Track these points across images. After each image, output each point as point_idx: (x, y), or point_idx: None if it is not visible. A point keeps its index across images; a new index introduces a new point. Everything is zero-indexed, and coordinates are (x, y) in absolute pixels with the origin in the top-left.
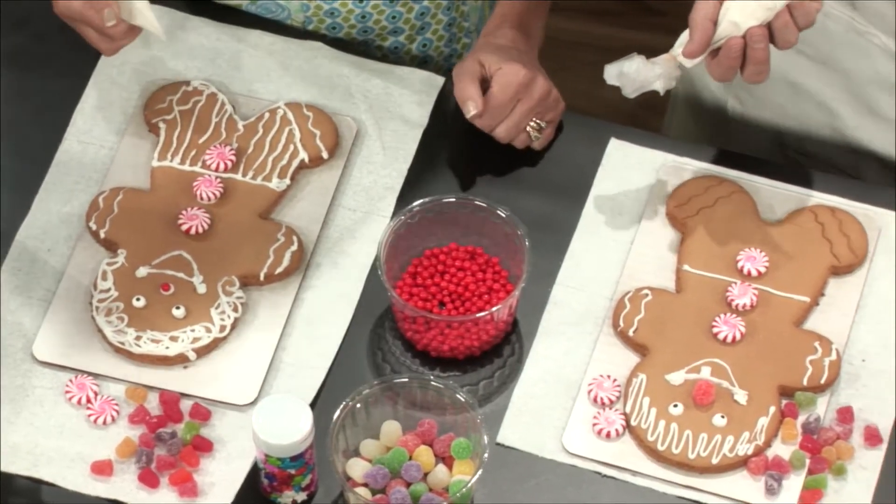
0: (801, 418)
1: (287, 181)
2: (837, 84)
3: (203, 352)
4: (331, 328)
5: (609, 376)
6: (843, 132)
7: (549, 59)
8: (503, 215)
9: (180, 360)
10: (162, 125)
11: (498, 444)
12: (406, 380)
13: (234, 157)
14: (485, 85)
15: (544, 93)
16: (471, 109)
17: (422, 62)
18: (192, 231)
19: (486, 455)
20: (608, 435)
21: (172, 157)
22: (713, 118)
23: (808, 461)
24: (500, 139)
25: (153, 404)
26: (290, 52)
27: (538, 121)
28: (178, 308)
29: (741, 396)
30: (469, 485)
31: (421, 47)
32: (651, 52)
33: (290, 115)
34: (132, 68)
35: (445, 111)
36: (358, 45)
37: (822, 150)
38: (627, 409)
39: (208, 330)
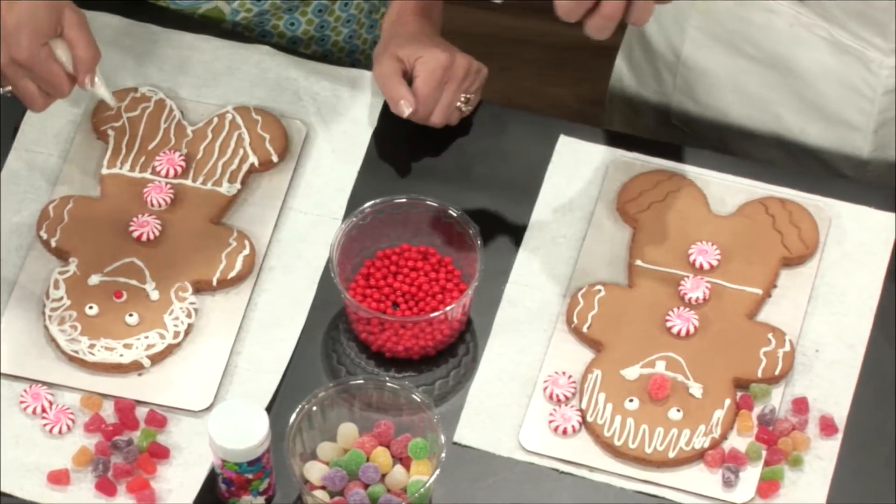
0: (757, 410)
1: (237, 185)
2: (782, 85)
3: (157, 358)
4: (285, 332)
5: (564, 373)
6: (787, 135)
7: (494, 58)
8: (455, 214)
9: (135, 367)
10: (111, 132)
11: (455, 443)
12: (361, 381)
13: (183, 163)
14: (406, 77)
15: (466, 68)
16: (405, 109)
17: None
18: (144, 238)
19: (443, 455)
20: (565, 431)
21: (122, 164)
22: (655, 122)
23: (764, 453)
24: (436, 125)
25: (108, 412)
26: (238, 57)
27: (466, 95)
28: (131, 315)
29: (696, 390)
30: (427, 485)
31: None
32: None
33: (239, 120)
34: None
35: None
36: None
37: (766, 154)
38: (583, 406)
39: (162, 336)
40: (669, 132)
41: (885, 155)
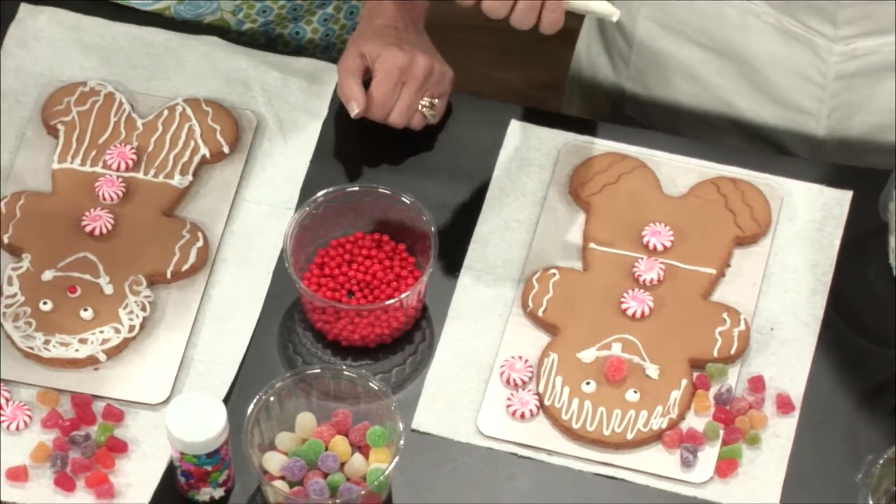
0: (713, 390)
1: (189, 178)
2: (734, 73)
3: (113, 353)
4: (240, 323)
5: (521, 357)
6: (740, 120)
7: (445, 43)
8: (408, 202)
9: (90, 362)
10: (60, 127)
11: (413, 430)
12: (318, 371)
13: (134, 156)
14: (370, 75)
15: (427, 70)
16: (354, 109)
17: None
18: (97, 232)
19: (401, 442)
20: (522, 416)
21: (73, 159)
22: (610, 110)
23: (722, 432)
24: (396, 125)
25: (65, 408)
26: (186, 48)
27: (429, 99)
28: (85, 310)
29: (653, 371)
30: (386, 472)
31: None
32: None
33: (189, 112)
34: (28, 72)
35: None
36: (262, 36)
37: (720, 138)
38: (540, 389)
39: (117, 331)
40: (625, 121)
41: (839, 136)
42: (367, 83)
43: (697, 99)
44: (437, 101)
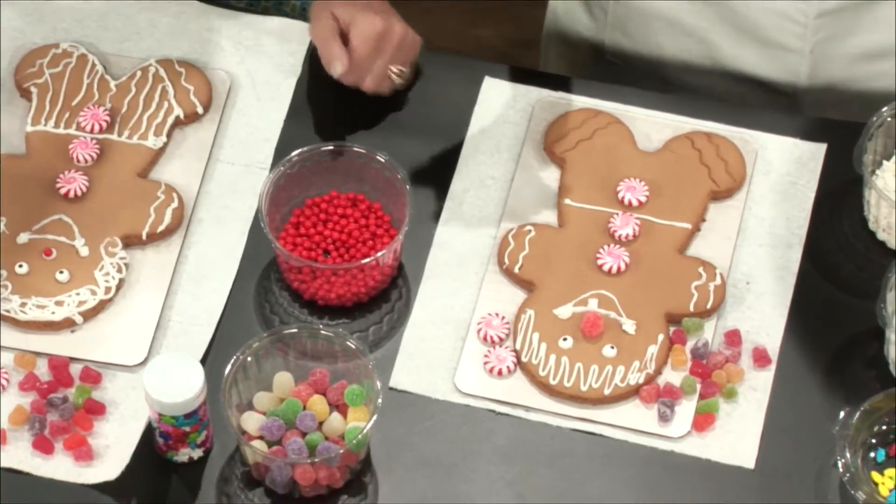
0: (690, 344)
1: (163, 138)
2: (715, 15)
3: (89, 315)
4: (216, 283)
5: (497, 314)
6: (724, 62)
7: (419, 0)
8: (382, 160)
9: (67, 324)
10: (33, 89)
11: (391, 388)
12: (295, 330)
13: (108, 118)
14: (342, 36)
15: (401, 38)
16: (338, 69)
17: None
18: (71, 194)
19: (379, 400)
20: (500, 372)
21: (46, 121)
22: (590, 59)
23: (698, 386)
24: (368, 91)
25: (42, 370)
26: (159, 9)
27: (400, 67)
28: (61, 272)
29: (629, 326)
30: (364, 431)
31: None
32: None
33: (163, 72)
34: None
35: (318, 59)
36: None
37: (705, 83)
38: (518, 346)
39: (93, 292)
40: (606, 68)
41: (823, 76)
42: None
43: (679, 43)
44: (406, 68)
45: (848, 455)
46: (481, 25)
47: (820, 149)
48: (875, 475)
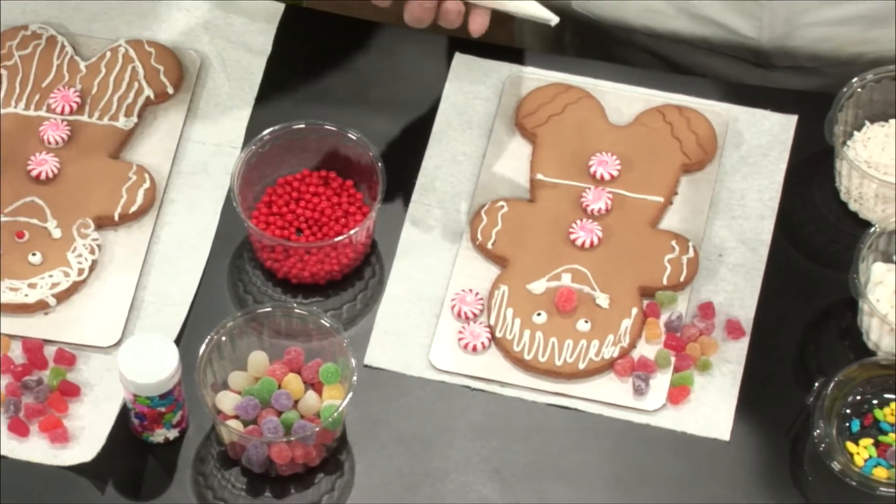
0: (664, 317)
1: (134, 119)
2: None
3: (63, 297)
4: (190, 263)
5: (471, 290)
6: (691, 9)
7: None
8: (354, 138)
9: (41, 306)
10: (3, 71)
11: (366, 366)
12: (269, 309)
13: (79, 99)
14: None
15: None
16: None
17: None
18: (43, 176)
19: (354, 378)
20: (474, 349)
21: (16, 103)
22: (561, 30)
23: (673, 359)
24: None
25: (17, 353)
26: None
27: None
28: (34, 255)
29: (603, 300)
30: (340, 409)
31: None
32: None
33: (132, 53)
34: None
35: (288, 38)
36: None
37: (673, 30)
38: (492, 322)
39: (66, 274)
40: (576, 39)
41: (785, 12)
42: None
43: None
44: None
45: (822, 425)
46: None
47: (791, 120)
48: (850, 445)
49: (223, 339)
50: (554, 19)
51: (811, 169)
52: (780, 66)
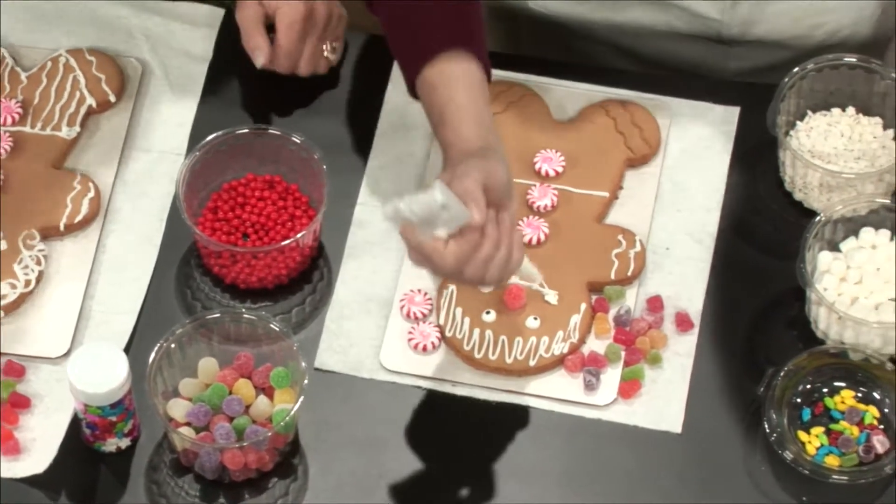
0: (613, 312)
1: (77, 128)
2: None
3: (10, 308)
4: (137, 271)
5: (420, 290)
6: None
7: None
8: (298, 141)
9: None
10: None
11: (316, 369)
12: (218, 315)
13: (21, 110)
14: (270, 21)
15: (326, 16)
16: (259, 60)
17: None
18: None
19: (305, 381)
20: (424, 348)
21: None
22: (514, 18)
23: (623, 353)
24: (303, 75)
25: None
26: None
27: (331, 43)
28: None
29: (552, 297)
30: (292, 413)
31: None
32: None
33: (73, 62)
34: None
35: (229, 43)
36: None
37: (633, 19)
38: (441, 321)
39: (13, 286)
40: (530, 36)
41: (747, 19)
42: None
43: None
44: (337, 44)
45: (774, 415)
46: None
47: (733, 112)
48: (801, 434)
49: (172, 346)
50: (539, 279)
51: (755, 160)
52: (743, 42)
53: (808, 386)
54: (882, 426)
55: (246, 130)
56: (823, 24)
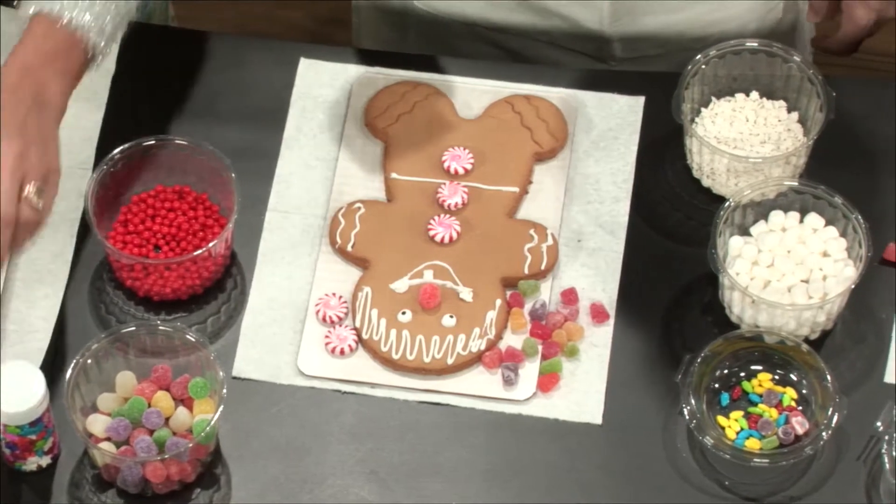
0: (528, 306)
1: None
2: None
3: None
4: (49, 289)
5: (335, 294)
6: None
7: None
8: (205, 150)
9: None
10: None
11: (234, 377)
12: (133, 328)
13: None
14: None
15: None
16: None
17: None
18: None
19: (224, 391)
20: (342, 352)
21: None
22: (400, 28)
23: (540, 347)
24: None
25: None
26: None
27: (35, 184)
28: None
29: (466, 294)
30: (212, 423)
31: None
32: None
33: None
34: None
35: (131, 55)
36: None
37: (514, 23)
38: (357, 324)
39: None
40: (418, 40)
41: (629, 30)
42: None
43: None
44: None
45: (693, 402)
46: (290, 7)
47: (638, 102)
48: (721, 419)
49: (89, 361)
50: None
51: (662, 148)
52: (624, 58)
53: (726, 371)
54: (801, 407)
55: (152, 142)
56: (710, 36)
